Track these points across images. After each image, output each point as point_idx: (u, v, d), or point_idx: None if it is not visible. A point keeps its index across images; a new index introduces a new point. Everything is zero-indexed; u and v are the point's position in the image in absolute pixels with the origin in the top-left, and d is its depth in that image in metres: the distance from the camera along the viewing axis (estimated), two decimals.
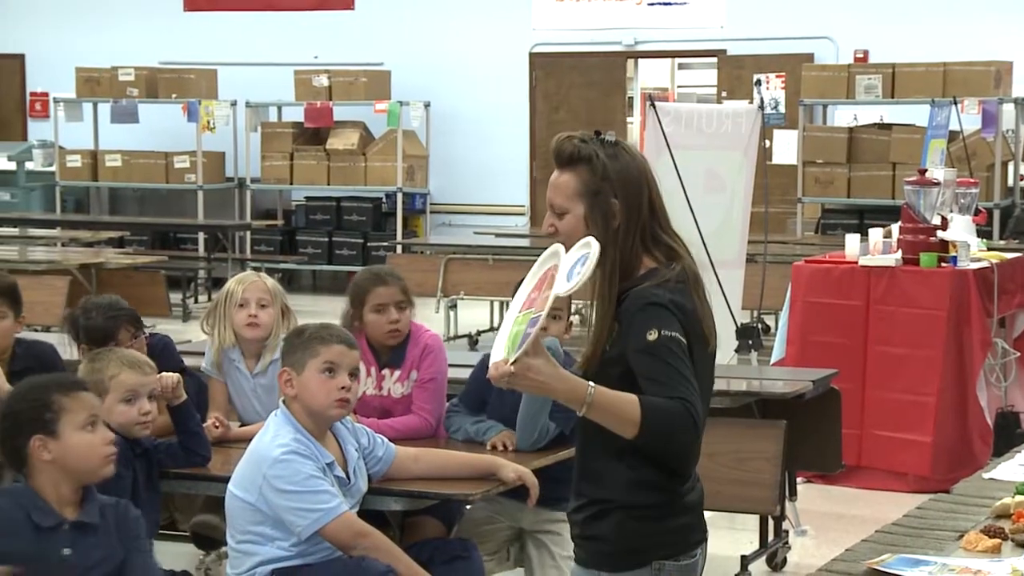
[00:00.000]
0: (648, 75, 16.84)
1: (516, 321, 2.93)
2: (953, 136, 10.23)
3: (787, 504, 5.94)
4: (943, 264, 7.18)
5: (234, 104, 15.58)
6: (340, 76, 15.28)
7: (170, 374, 4.36)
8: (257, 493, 3.91)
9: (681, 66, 17.43)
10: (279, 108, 15.83)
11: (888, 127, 13.21)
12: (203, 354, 4.97)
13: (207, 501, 4.86)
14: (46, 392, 3.51)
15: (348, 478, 4.03)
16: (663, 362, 2.90)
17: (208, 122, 15.26)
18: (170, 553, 4.84)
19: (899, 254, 7.24)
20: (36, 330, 7.65)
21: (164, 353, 4.68)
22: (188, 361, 5.00)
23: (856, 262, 7.36)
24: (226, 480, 4.05)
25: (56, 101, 15.99)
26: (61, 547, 3.44)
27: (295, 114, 15.57)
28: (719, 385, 5.49)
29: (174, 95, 15.53)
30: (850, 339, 7.34)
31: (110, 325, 4.60)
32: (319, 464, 3.94)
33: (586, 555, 3.15)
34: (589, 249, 2.90)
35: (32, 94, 17.45)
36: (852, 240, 7.56)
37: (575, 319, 4.58)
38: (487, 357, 4.75)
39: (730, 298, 7.36)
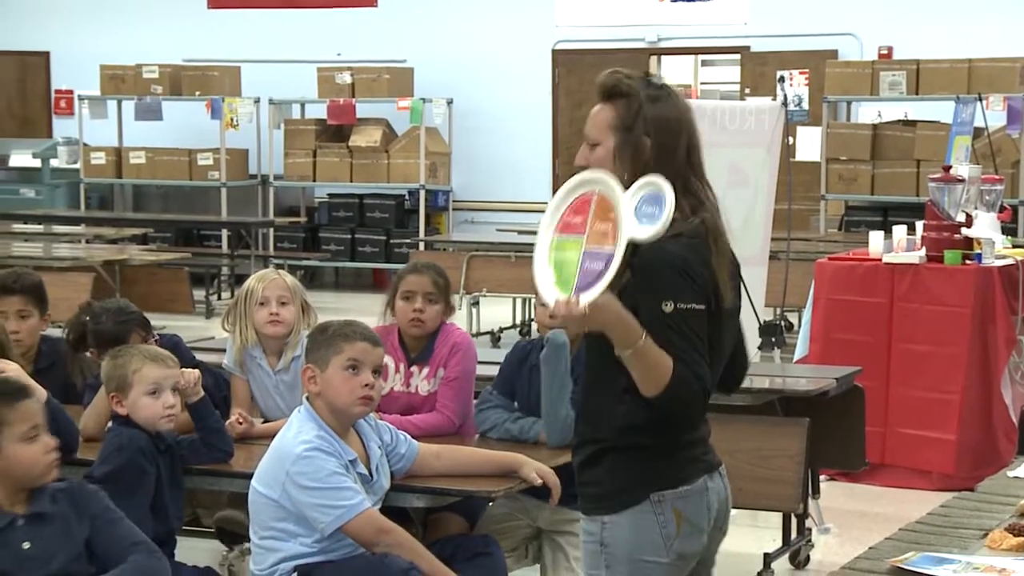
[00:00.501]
0: (671, 72, 16.80)
1: (554, 245, 2.96)
2: (978, 133, 10.15)
3: (810, 502, 5.91)
4: (967, 261, 7.13)
5: (257, 101, 15.59)
6: (363, 73, 15.23)
7: (191, 370, 4.36)
8: (280, 489, 3.90)
9: (704, 63, 17.36)
10: (302, 105, 15.80)
11: (912, 124, 13.13)
12: (225, 351, 4.95)
13: (232, 497, 4.84)
14: None
15: (371, 475, 4.02)
16: (679, 334, 2.92)
17: (231, 119, 15.27)
18: (194, 549, 4.83)
19: (923, 251, 7.19)
20: (60, 327, 7.65)
21: (175, 352, 4.61)
22: (211, 358, 4.99)
23: (880, 259, 7.32)
24: (249, 476, 4.03)
25: (81, 98, 16.01)
26: (20, 543, 3.42)
27: (318, 111, 15.55)
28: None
29: (198, 92, 15.52)
30: (874, 337, 7.25)
31: (121, 330, 4.57)
32: (342, 461, 3.92)
33: (586, 503, 3.18)
34: (655, 189, 2.95)
35: (57, 91, 17.47)
36: (876, 237, 7.50)
37: None
38: (519, 345, 4.86)
39: (753, 295, 7.31)
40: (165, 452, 4.25)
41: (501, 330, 11.58)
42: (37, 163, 16.20)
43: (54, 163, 16.19)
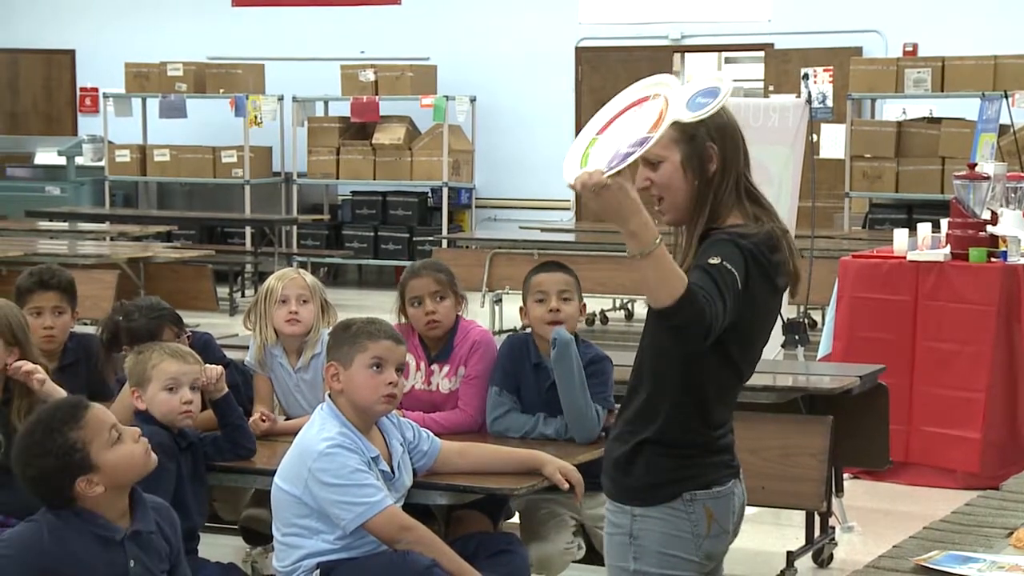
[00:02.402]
0: (695, 69, 16.75)
1: (592, 143, 2.96)
2: (1003, 130, 10.02)
3: (834, 500, 5.85)
4: (993, 259, 7.02)
5: (281, 99, 15.52)
6: (386, 71, 15.15)
7: (214, 366, 4.33)
8: (303, 486, 3.87)
9: (728, 60, 17.22)
10: (326, 103, 15.74)
11: (937, 121, 12.99)
12: (248, 348, 4.92)
13: (255, 494, 4.84)
14: (61, 434, 3.33)
15: (392, 472, 3.99)
16: (713, 281, 2.91)
17: (255, 117, 15.16)
18: (216, 545, 4.81)
19: (948, 249, 7.10)
20: (85, 323, 7.65)
21: (206, 350, 4.63)
22: (235, 355, 4.95)
23: (904, 257, 7.16)
24: (272, 473, 4.01)
25: (106, 96, 15.95)
26: (128, 560, 3.35)
27: (342, 109, 15.47)
28: (765, 380, 5.49)
29: (222, 90, 15.46)
30: (898, 335, 7.14)
31: (153, 325, 4.55)
32: (364, 458, 3.89)
33: (616, 489, 3.21)
34: (718, 84, 2.95)
35: (82, 89, 17.43)
36: (900, 235, 7.37)
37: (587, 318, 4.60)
38: (514, 338, 4.85)
39: None
40: (187, 449, 4.22)
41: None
42: (62, 161, 16.17)
43: (79, 161, 16.16)
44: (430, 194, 15.36)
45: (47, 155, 16.40)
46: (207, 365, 4.29)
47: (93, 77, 17.12)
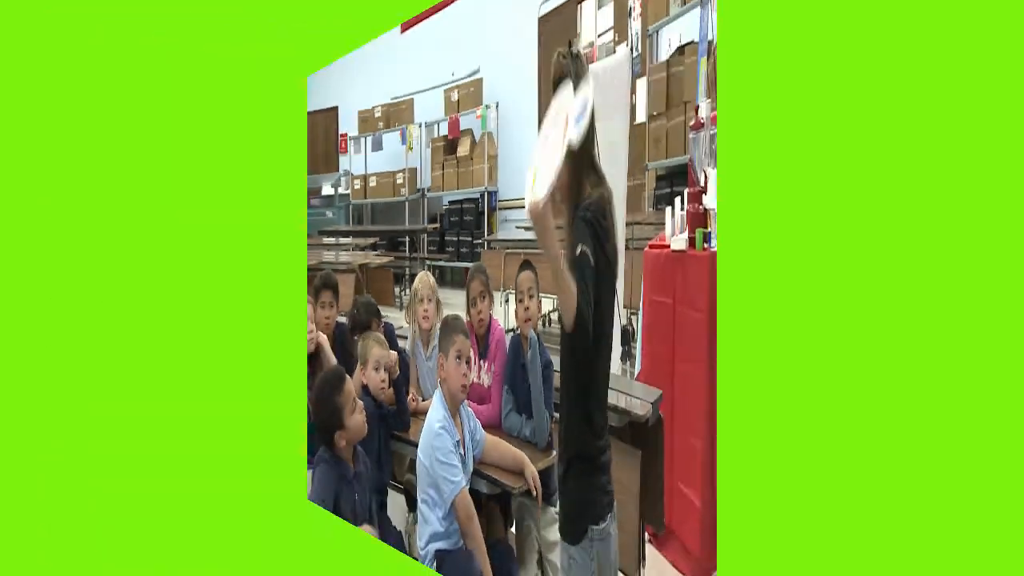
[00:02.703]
0: (584, 23, 6.72)
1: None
2: (711, 48, 2.91)
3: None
4: (707, 245, 1.91)
5: (420, 126, 11.65)
6: (464, 88, 10.75)
7: (393, 351, 3.52)
8: (430, 459, 2.88)
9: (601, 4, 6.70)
10: (437, 125, 11.56)
11: (683, 47, 3.79)
12: (407, 338, 3.79)
13: (411, 463, 3.77)
14: (332, 396, 2.77)
15: (464, 459, 2.92)
16: (581, 273, 1.60)
17: (411, 144, 12.23)
18: (394, 504, 3.57)
19: (687, 233, 2.06)
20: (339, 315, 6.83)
21: (389, 339, 3.77)
22: (403, 344, 3.82)
23: (670, 246, 2.04)
24: (415, 445, 3.09)
25: (350, 139, 13.65)
26: (355, 494, 2.88)
27: (444, 129, 11.43)
28: (611, 399, 2.59)
29: (396, 124, 12.59)
30: (664, 350, 2.28)
31: (367, 319, 3.77)
32: (454, 440, 2.87)
33: (561, 521, 1.73)
34: (582, 93, 1.59)
35: (340, 135, 15.15)
36: (668, 215, 2.21)
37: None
38: (513, 338, 3.29)
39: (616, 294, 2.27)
40: (383, 418, 3.46)
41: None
42: (332, 191, 14.76)
43: (340, 190, 14.64)
44: (479, 199, 10.80)
45: (327, 188, 14.99)
46: (390, 351, 3.50)
47: (346, 125, 14.49)
